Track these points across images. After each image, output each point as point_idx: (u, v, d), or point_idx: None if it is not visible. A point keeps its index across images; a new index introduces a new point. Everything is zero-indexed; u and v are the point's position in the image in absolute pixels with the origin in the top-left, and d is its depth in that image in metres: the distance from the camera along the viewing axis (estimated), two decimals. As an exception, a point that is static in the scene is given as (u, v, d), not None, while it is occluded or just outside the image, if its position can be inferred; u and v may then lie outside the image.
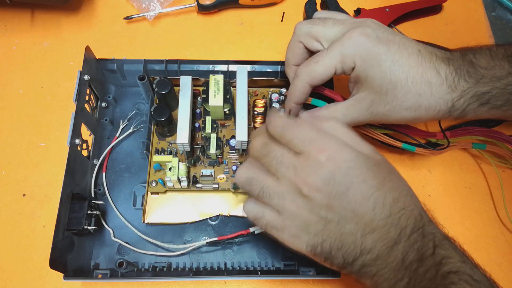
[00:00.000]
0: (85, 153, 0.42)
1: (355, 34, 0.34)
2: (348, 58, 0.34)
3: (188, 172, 0.43)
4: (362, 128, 0.41)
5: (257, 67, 0.46)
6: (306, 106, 0.42)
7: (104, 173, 0.44)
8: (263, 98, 0.46)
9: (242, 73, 0.43)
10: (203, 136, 0.44)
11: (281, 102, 0.45)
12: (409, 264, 0.29)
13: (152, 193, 0.43)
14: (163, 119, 0.41)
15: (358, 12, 0.54)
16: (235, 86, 0.43)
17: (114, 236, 0.41)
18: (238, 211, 0.42)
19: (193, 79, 0.43)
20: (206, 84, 0.43)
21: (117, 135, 0.45)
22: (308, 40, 0.37)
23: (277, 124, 0.31)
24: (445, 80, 0.34)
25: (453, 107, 0.35)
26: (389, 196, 0.30)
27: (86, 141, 0.42)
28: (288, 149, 0.31)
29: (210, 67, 0.46)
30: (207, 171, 0.43)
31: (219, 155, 0.43)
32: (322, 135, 0.30)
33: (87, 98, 0.42)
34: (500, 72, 0.34)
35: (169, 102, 0.43)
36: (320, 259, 0.32)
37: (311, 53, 0.38)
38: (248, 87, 0.42)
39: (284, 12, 0.56)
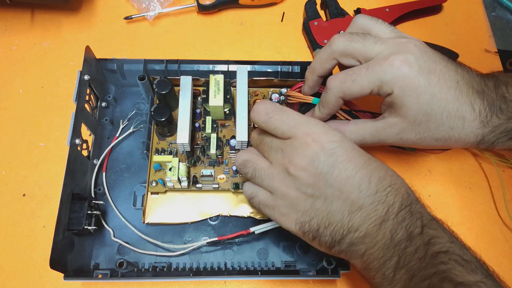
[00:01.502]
0: (85, 153, 0.42)
1: (398, 62, 0.32)
2: (386, 85, 0.33)
3: (188, 172, 0.43)
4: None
5: (257, 67, 0.46)
6: (308, 106, 0.42)
7: (104, 173, 0.44)
8: (263, 98, 0.46)
9: (242, 73, 0.43)
10: (203, 136, 0.44)
11: (281, 102, 0.45)
12: (397, 242, 0.29)
13: (152, 193, 0.42)
14: (163, 119, 0.41)
15: (358, 12, 0.54)
16: (235, 86, 0.43)
17: (114, 236, 0.41)
18: (238, 211, 0.42)
19: (193, 79, 0.43)
20: (206, 84, 0.43)
21: (117, 135, 0.45)
22: (343, 58, 0.35)
23: (260, 112, 0.33)
24: (478, 116, 0.34)
25: (482, 140, 0.35)
26: (374, 174, 0.30)
27: (86, 141, 0.42)
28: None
29: (210, 67, 0.46)
30: (207, 171, 0.43)
31: (219, 155, 0.43)
32: (307, 120, 0.32)
33: (87, 98, 0.42)
34: None
35: (169, 102, 0.43)
36: (309, 238, 0.32)
37: (344, 66, 0.37)
38: (248, 87, 0.42)
39: (284, 12, 0.56)
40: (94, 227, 0.38)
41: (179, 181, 0.41)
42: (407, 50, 0.33)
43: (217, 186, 0.43)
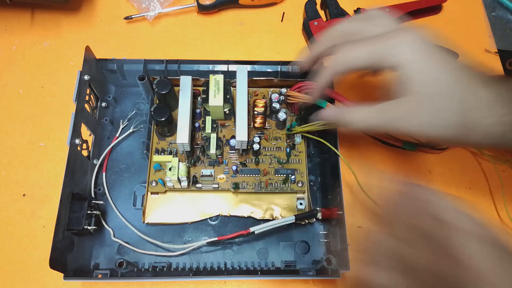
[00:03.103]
0: (85, 153, 0.42)
1: (408, 36, 0.32)
2: (393, 56, 0.32)
3: (188, 172, 0.43)
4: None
5: (257, 67, 0.46)
6: (307, 105, 0.42)
7: (104, 173, 0.44)
8: (263, 98, 0.46)
9: (242, 73, 0.43)
10: (203, 136, 0.44)
11: (281, 102, 0.45)
12: None
13: (152, 193, 0.42)
14: (163, 119, 0.41)
15: (358, 12, 0.54)
16: (235, 86, 0.43)
17: (114, 236, 0.41)
18: (238, 211, 0.42)
19: (193, 79, 0.43)
20: (206, 84, 0.43)
21: (117, 135, 0.45)
22: (348, 37, 0.35)
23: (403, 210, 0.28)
24: (485, 101, 0.31)
25: (490, 131, 0.32)
26: None
27: (86, 141, 0.42)
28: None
29: (210, 67, 0.46)
30: (207, 171, 0.43)
31: (219, 155, 0.43)
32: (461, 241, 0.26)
33: (87, 98, 0.42)
34: None
35: (169, 102, 0.43)
36: None
37: None
38: (248, 87, 0.42)
39: (284, 12, 0.56)
40: (94, 227, 0.38)
41: (179, 181, 0.41)
42: (416, 29, 0.33)
43: (217, 186, 0.43)
